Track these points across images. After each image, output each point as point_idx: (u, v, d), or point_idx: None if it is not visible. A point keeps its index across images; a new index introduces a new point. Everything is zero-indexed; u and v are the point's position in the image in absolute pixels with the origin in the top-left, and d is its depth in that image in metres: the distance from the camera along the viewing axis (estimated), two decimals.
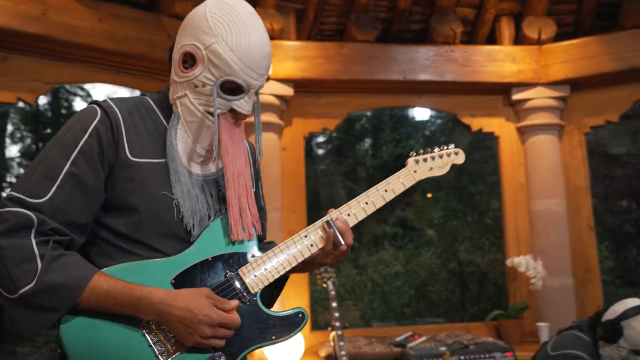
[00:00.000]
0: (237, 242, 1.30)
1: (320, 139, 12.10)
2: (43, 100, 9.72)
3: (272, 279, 1.31)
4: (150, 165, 1.26)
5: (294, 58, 3.99)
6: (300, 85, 4.08)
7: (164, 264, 1.23)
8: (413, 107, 7.20)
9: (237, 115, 1.30)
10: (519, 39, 4.29)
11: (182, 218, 1.26)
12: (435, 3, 4.13)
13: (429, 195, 8.75)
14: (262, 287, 1.29)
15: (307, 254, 1.35)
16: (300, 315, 1.31)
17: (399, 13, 4.20)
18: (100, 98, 1.26)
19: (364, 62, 4.07)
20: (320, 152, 11.54)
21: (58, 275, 1.11)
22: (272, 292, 1.49)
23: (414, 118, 10.37)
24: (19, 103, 3.34)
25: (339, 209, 1.40)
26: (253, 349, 1.26)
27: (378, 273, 7.34)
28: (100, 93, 10.21)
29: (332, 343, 3.38)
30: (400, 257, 7.58)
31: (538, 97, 4.20)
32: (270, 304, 1.45)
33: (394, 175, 1.48)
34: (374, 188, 1.44)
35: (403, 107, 6.92)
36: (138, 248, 1.23)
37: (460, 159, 1.56)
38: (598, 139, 7.50)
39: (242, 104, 1.29)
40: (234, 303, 1.23)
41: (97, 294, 1.14)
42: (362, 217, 1.41)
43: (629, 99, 4.23)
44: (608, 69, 4.02)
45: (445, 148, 1.55)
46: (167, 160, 1.27)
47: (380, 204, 1.43)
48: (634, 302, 2.28)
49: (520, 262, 4.03)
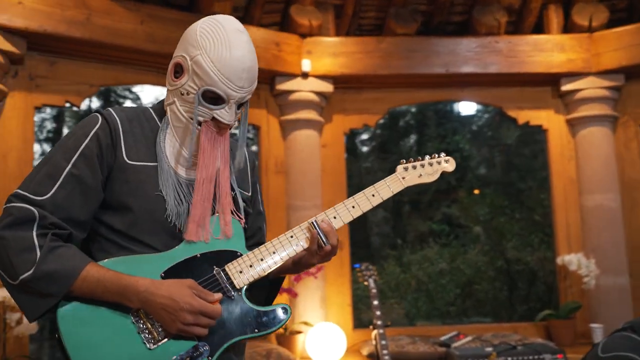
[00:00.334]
0: (226, 240, 1.38)
1: (364, 136, 12.02)
2: (96, 104, 10.08)
3: (257, 276, 1.37)
4: (145, 168, 1.35)
5: (333, 54, 3.96)
6: (340, 82, 4.04)
7: (155, 259, 1.32)
8: (456, 101, 7.03)
9: (219, 124, 1.37)
10: (568, 27, 4.10)
11: (176, 214, 1.34)
12: None
13: (476, 192, 8.54)
14: (247, 283, 1.36)
15: (292, 254, 1.41)
16: (284, 310, 1.36)
17: (440, 5, 4.10)
18: (148, 100, 1.37)
19: (404, 56, 3.99)
20: (365, 149, 11.46)
21: (54, 264, 1.21)
22: (267, 293, 1.56)
23: (460, 113, 10.13)
24: (67, 105, 3.45)
25: (326, 212, 1.46)
26: (236, 340, 1.33)
27: (422, 271, 7.21)
28: (149, 95, 10.48)
29: (373, 341, 3.34)
30: (446, 254, 7.42)
31: (589, 87, 4.01)
32: (268, 304, 1.50)
33: (382, 181, 1.53)
34: (362, 192, 1.49)
35: (445, 101, 6.77)
36: (133, 244, 1.32)
37: (451, 167, 1.59)
38: None
39: (222, 114, 1.36)
40: (217, 296, 1.29)
41: (88, 282, 1.23)
42: (348, 219, 1.47)
43: None
44: None
45: (437, 157, 1.59)
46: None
47: (367, 208, 1.48)
48: None
49: (572, 260, 3.86)
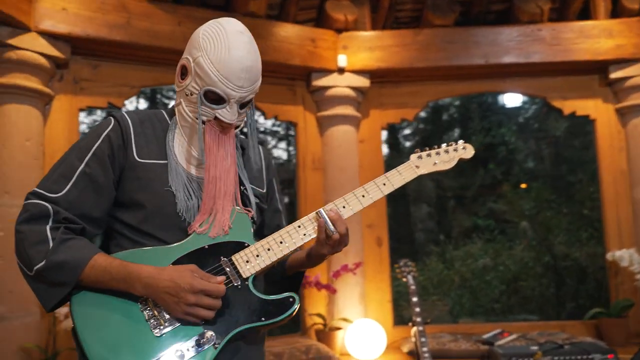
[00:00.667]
0: (234, 232, 1.41)
1: (407, 131, 11.88)
2: (143, 105, 10.36)
3: (264, 265, 1.39)
4: (155, 166, 1.41)
5: (369, 48, 3.91)
6: (377, 76, 4.00)
7: (164, 251, 1.36)
8: (497, 92, 6.85)
9: (221, 124, 1.41)
10: (617, 12, 3.91)
11: (186, 209, 1.39)
12: None
13: (523, 186, 8.28)
14: (254, 272, 1.37)
15: (299, 243, 1.43)
16: (291, 299, 1.36)
17: None
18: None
19: (442, 47, 3.90)
20: (408, 144, 11.33)
21: (64, 255, 1.28)
22: (288, 288, 1.53)
23: (505, 105, 9.86)
24: (109, 106, 3.56)
25: (335, 201, 1.47)
26: (243, 329, 1.32)
27: (466, 267, 7.04)
28: None
29: (413, 339, 3.29)
30: (490, 250, 7.22)
31: None
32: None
33: (394, 169, 1.52)
34: (372, 181, 1.49)
35: (486, 92, 6.59)
36: (145, 239, 1.38)
37: (469, 154, 1.56)
38: None
39: (224, 113, 1.40)
40: (220, 278, 1.32)
41: (96, 270, 1.29)
42: (358, 208, 1.46)
43: None
44: None
45: (454, 144, 1.57)
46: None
47: (378, 197, 1.48)
48: None
49: (623, 256, 3.69)
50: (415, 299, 3.30)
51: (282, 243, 1.42)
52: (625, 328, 3.71)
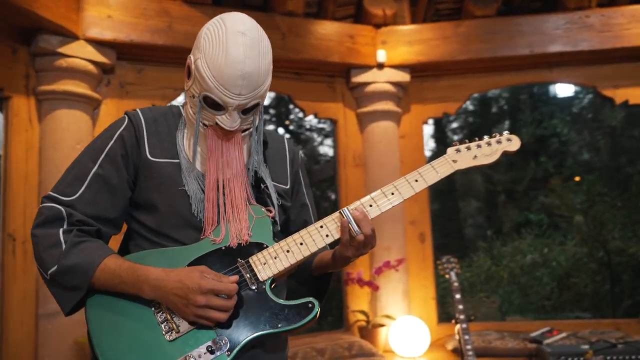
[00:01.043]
0: (252, 233, 1.34)
1: (454, 125, 11.66)
2: None
3: (282, 269, 1.30)
4: (169, 165, 1.36)
5: (409, 43, 3.87)
6: (417, 70, 3.95)
7: (181, 252, 1.32)
8: (543, 82, 6.62)
9: (222, 130, 1.33)
10: None
11: (201, 209, 1.34)
12: None
13: (577, 179, 7.97)
14: (271, 275, 1.30)
15: (321, 244, 1.33)
16: (310, 305, 1.27)
17: None
18: None
19: (485, 38, 3.81)
20: (455, 137, 11.13)
21: (76, 258, 1.26)
22: (315, 291, 1.48)
23: (557, 95, 9.50)
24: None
25: (361, 200, 1.35)
26: (258, 336, 1.25)
27: (515, 263, 6.82)
28: None
29: (457, 336, 3.24)
30: (539, 246, 6.97)
31: None
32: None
33: (428, 164, 1.38)
34: (403, 177, 1.36)
35: (531, 83, 6.38)
36: (162, 240, 1.34)
37: (514, 146, 1.41)
38: None
39: (223, 120, 1.31)
40: (232, 278, 1.25)
41: (106, 273, 1.26)
42: (386, 208, 1.34)
43: None
44: None
45: (497, 135, 1.42)
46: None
47: (408, 194, 1.35)
48: None
49: None
50: (458, 296, 3.24)
51: (302, 245, 1.32)
52: None
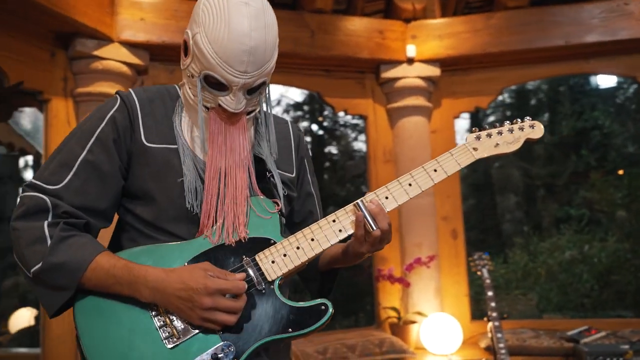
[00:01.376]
0: (257, 226, 1.22)
1: (492, 118, 11.43)
2: None
3: (292, 267, 1.19)
4: (165, 151, 1.23)
5: (439, 37, 3.82)
6: (447, 64, 3.89)
7: (180, 248, 1.19)
8: (579, 74, 6.41)
9: (226, 112, 1.21)
10: None
11: (199, 203, 1.21)
12: None
13: (621, 172, 7.69)
14: (280, 274, 1.19)
15: (333, 240, 1.22)
16: (324, 307, 1.16)
17: None
18: (272, 97, 1.27)
19: (517, 30, 3.72)
20: None
21: (63, 255, 1.12)
22: (320, 286, 1.41)
23: (599, 86, 9.19)
24: None
25: (376, 191, 1.24)
26: (266, 342, 1.15)
27: (553, 259, 6.64)
28: (273, 92, 10.91)
29: (489, 334, 3.19)
30: (578, 242, 6.76)
31: None
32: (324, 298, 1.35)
33: (447, 153, 1.28)
34: (421, 167, 1.26)
35: (566, 75, 6.19)
36: (159, 234, 1.22)
37: (537, 133, 1.31)
38: None
39: (227, 101, 1.19)
40: (239, 275, 1.14)
41: (98, 273, 1.13)
42: (403, 200, 1.23)
43: None
44: None
45: (519, 121, 1.33)
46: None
47: (427, 186, 1.25)
48: None
49: None
50: (490, 293, 3.20)
51: (313, 241, 1.21)
52: None
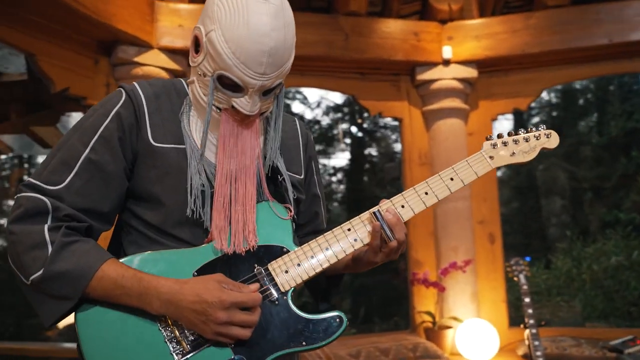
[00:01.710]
0: (267, 233, 1.18)
1: (536, 119, 11.16)
2: None
3: (306, 277, 1.15)
4: (174, 151, 1.17)
5: (476, 37, 3.75)
6: (485, 66, 3.83)
7: (188, 255, 1.14)
8: (623, 73, 6.20)
9: (240, 114, 1.15)
10: None
11: (208, 208, 1.16)
12: None
13: None
14: (294, 285, 1.15)
15: (349, 251, 1.18)
16: (338, 320, 1.13)
17: None
18: (312, 100, 1.20)
19: (557, 30, 3.62)
20: None
21: (66, 263, 1.05)
22: (324, 291, 1.36)
23: None
24: None
25: (392, 199, 1.21)
26: (279, 355, 1.11)
27: (598, 265, 6.40)
28: (313, 94, 10.97)
29: (526, 342, 3.12)
30: (625, 248, 6.49)
31: None
32: (324, 302, 1.33)
33: (463, 161, 1.26)
34: (437, 175, 1.24)
35: (609, 75, 5.97)
36: (165, 238, 1.16)
37: (553, 143, 1.29)
38: None
39: (242, 103, 1.13)
40: (253, 286, 1.10)
41: (104, 283, 1.06)
42: (419, 209, 1.21)
43: None
44: None
45: (534, 130, 1.30)
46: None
47: (444, 195, 1.23)
48: None
49: None
50: (528, 300, 3.12)
51: (327, 250, 1.17)
52: None
